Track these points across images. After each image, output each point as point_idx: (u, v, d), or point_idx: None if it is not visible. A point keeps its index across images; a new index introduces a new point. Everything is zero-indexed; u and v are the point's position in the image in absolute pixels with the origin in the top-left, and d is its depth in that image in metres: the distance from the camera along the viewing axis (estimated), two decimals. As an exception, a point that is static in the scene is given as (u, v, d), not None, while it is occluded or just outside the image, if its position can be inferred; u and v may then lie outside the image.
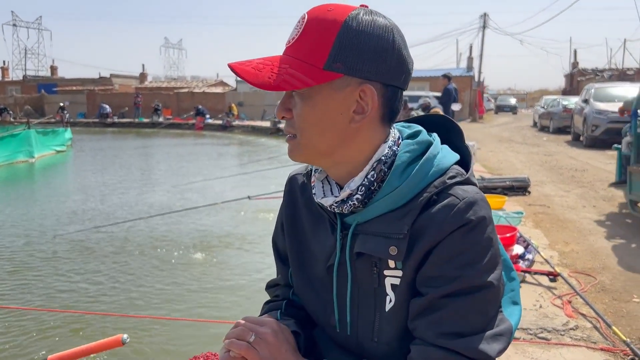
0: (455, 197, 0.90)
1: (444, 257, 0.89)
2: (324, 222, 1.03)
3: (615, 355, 2.70)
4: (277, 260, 1.19)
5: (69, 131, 19.28)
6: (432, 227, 0.89)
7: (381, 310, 0.96)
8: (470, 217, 0.89)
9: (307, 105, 0.92)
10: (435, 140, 0.98)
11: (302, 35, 0.90)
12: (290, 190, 1.13)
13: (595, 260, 4.36)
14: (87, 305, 4.52)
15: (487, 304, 0.89)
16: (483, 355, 0.85)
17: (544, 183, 8.36)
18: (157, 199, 9.26)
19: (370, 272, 0.95)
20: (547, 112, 20.59)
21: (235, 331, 0.96)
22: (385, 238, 0.91)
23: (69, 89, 40.93)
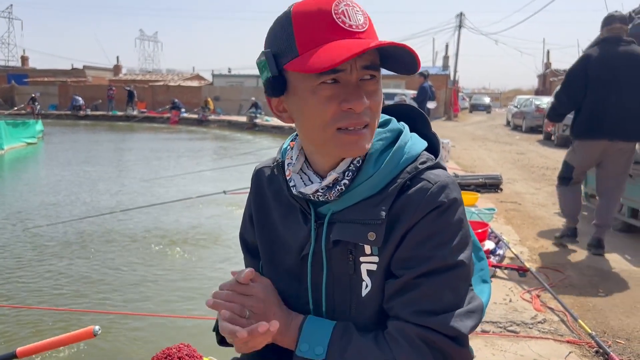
0: (427, 181, 0.94)
1: (418, 239, 0.93)
2: (295, 213, 1.04)
3: (581, 348, 2.77)
4: (246, 254, 1.20)
5: (40, 123, 18.86)
6: (408, 210, 0.93)
7: (357, 295, 0.99)
8: (442, 200, 0.93)
9: (380, 90, 0.94)
10: (405, 129, 1.02)
11: (370, 23, 0.92)
12: (257, 183, 1.14)
13: (564, 256, 4.47)
14: (57, 301, 4.45)
15: (459, 282, 0.93)
16: (457, 331, 0.90)
17: (515, 181, 8.51)
18: (130, 193, 9.15)
19: (346, 260, 0.98)
20: (520, 111, 20.94)
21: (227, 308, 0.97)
22: (363, 225, 0.94)
23: (41, 80, 40.04)
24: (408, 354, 0.89)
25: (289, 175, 1.03)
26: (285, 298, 1.05)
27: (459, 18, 34.83)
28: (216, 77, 40.67)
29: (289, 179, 1.02)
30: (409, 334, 0.90)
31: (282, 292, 1.07)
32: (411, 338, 0.90)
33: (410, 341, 0.90)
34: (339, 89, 0.90)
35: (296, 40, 0.89)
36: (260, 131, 23.34)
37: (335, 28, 0.87)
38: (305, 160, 1.03)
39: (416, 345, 0.89)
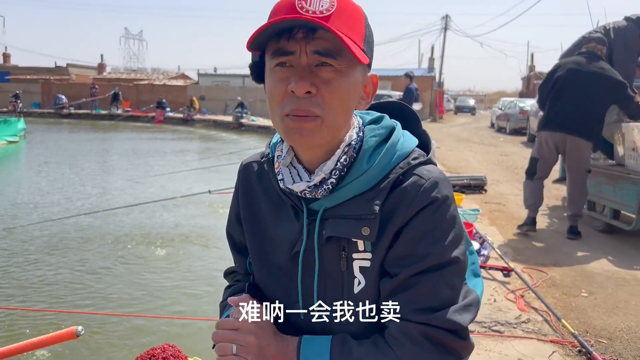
0: (420, 176, 0.95)
1: (413, 236, 0.93)
2: (286, 209, 1.03)
3: (564, 347, 2.80)
4: (234, 251, 1.19)
5: (22, 121, 18.58)
6: (401, 206, 0.93)
7: (349, 292, 0.98)
8: (436, 196, 0.94)
9: (344, 83, 0.90)
10: (397, 125, 1.02)
11: (339, 11, 0.88)
12: (245, 178, 1.12)
13: (547, 256, 4.51)
14: (38, 301, 4.37)
15: (454, 278, 0.95)
16: (457, 325, 0.91)
17: (499, 182, 8.58)
18: (113, 192, 9.06)
19: (338, 256, 0.97)
20: (505, 113, 21.10)
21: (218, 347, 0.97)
22: (356, 220, 0.93)
23: (23, 78, 39.44)
24: (412, 353, 0.90)
25: (277, 168, 1.01)
26: (276, 295, 1.04)
27: (445, 20, 35.06)
28: (202, 77, 40.43)
29: (278, 172, 1.00)
30: (411, 332, 0.90)
31: (273, 290, 1.06)
32: (413, 336, 0.90)
33: (413, 339, 0.90)
34: (289, 72, 0.89)
35: (267, 22, 0.89)
36: (246, 131, 23.26)
37: (291, 11, 0.87)
38: (295, 155, 1.01)
39: (419, 343, 0.90)
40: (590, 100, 4.75)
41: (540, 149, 5.05)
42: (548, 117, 4.99)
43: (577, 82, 4.81)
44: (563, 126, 4.84)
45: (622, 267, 4.24)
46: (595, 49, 4.93)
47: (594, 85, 4.75)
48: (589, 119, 4.77)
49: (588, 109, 4.75)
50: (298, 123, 0.90)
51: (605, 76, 4.78)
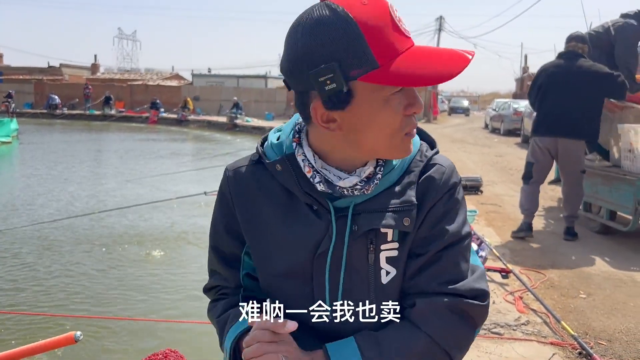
0: (440, 165, 1.02)
1: (437, 218, 1.00)
2: (299, 210, 1.01)
3: (564, 349, 2.80)
4: (223, 265, 1.12)
5: (14, 122, 18.47)
6: (430, 192, 0.99)
7: (376, 284, 1.00)
8: (455, 181, 1.03)
9: None
10: None
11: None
12: (238, 184, 1.07)
13: (545, 257, 4.52)
14: (34, 305, 4.33)
15: (467, 252, 1.03)
16: (480, 290, 0.99)
17: (495, 183, 8.60)
18: (108, 193, 9.01)
19: (366, 250, 0.99)
20: (499, 114, 21.18)
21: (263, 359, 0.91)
22: (395, 212, 0.97)
23: (15, 78, 39.21)
24: (440, 327, 0.95)
25: (309, 172, 0.98)
26: (287, 299, 1.02)
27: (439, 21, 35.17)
28: (196, 77, 40.36)
29: (311, 175, 0.98)
30: (439, 307, 0.95)
31: (286, 294, 1.03)
32: (441, 311, 0.95)
33: (441, 314, 0.95)
34: (403, 95, 0.91)
35: (372, 51, 0.85)
36: (241, 131, 23.24)
37: (400, 35, 0.88)
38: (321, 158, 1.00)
39: (447, 317, 0.95)
40: (577, 100, 4.74)
41: (534, 153, 5.06)
42: (537, 122, 5.03)
43: (560, 84, 4.82)
44: (552, 130, 4.86)
45: (619, 269, 4.24)
46: (576, 47, 4.93)
47: (577, 84, 4.75)
48: (578, 118, 4.77)
49: (576, 108, 4.75)
50: (412, 137, 0.97)
51: (589, 72, 4.78)
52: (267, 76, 38.94)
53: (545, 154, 4.99)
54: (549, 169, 5.18)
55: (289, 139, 1.03)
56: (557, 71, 4.91)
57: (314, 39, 0.86)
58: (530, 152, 5.14)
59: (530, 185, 5.10)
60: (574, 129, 4.79)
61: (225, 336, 1.05)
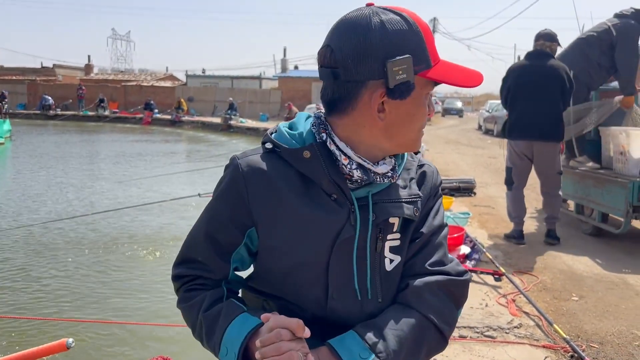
0: (428, 165, 1.19)
1: (428, 209, 1.15)
2: (320, 197, 1.02)
3: (557, 352, 2.81)
4: (214, 256, 1.10)
5: (7, 122, 18.39)
6: (425, 187, 1.15)
7: (381, 271, 1.08)
8: (441, 178, 1.22)
9: None
10: None
11: None
12: (254, 173, 1.04)
13: (537, 260, 4.53)
14: (25, 309, 4.30)
15: (446, 238, 1.18)
16: (462, 270, 1.13)
17: (488, 185, 8.62)
18: (101, 195, 8.97)
19: (375, 239, 1.06)
20: (492, 115, 21.25)
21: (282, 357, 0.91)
22: (409, 202, 1.09)
23: (8, 79, 39.00)
24: (433, 304, 1.05)
25: (345, 160, 1.02)
26: (301, 289, 1.04)
27: (433, 23, 35.24)
28: (190, 78, 40.26)
29: (348, 162, 1.02)
30: (431, 286, 1.07)
31: (302, 283, 1.05)
32: (433, 289, 1.06)
33: (433, 292, 1.06)
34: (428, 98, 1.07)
35: (429, 52, 1.01)
36: (235, 132, 23.21)
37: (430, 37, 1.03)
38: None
39: (437, 295, 1.07)
40: (547, 101, 4.70)
41: (511, 157, 5.03)
42: (510, 125, 4.98)
43: (529, 85, 4.76)
44: (525, 134, 4.81)
45: (611, 271, 4.26)
46: (544, 46, 4.87)
47: (546, 85, 4.70)
48: (551, 120, 4.72)
49: (547, 110, 4.71)
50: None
51: (556, 72, 4.71)
52: (261, 77, 38.90)
53: (522, 158, 4.95)
54: (528, 172, 5.11)
55: (307, 130, 1.05)
56: (525, 72, 4.84)
57: (391, 33, 0.97)
58: (508, 157, 5.12)
59: (513, 191, 5.06)
60: (547, 131, 4.74)
61: (223, 333, 1.02)
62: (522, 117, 4.83)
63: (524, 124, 4.81)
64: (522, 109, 4.83)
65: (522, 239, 5.02)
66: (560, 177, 4.95)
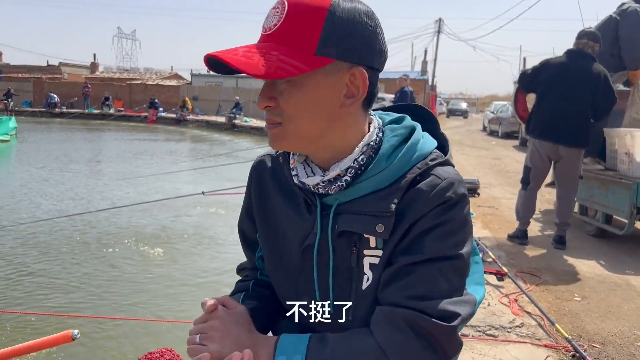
0: (437, 176, 0.95)
1: (421, 230, 0.93)
2: (297, 203, 1.03)
3: (558, 352, 2.82)
4: (244, 246, 1.20)
5: (13, 120, 18.46)
6: (416, 204, 0.93)
7: (358, 288, 0.98)
8: (450, 195, 0.94)
9: (296, 92, 0.91)
10: (418, 127, 1.03)
11: (286, 21, 0.89)
12: (258, 173, 1.12)
13: (540, 260, 4.54)
14: (31, 304, 4.33)
15: (454, 275, 0.92)
16: (449, 313, 0.88)
17: (492, 185, 8.62)
18: (106, 192, 9.01)
19: (350, 252, 0.97)
20: (497, 117, 21.22)
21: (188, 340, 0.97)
22: (372, 216, 0.94)
23: (15, 76, 39.17)
24: (391, 337, 0.87)
25: (292, 164, 1.02)
26: (284, 291, 1.06)
27: (438, 24, 35.22)
28: (195, 77, 40.35)
29: (292, 167, 1.02)
30: (395, 317, 0.88)
31: (279, 284, 1.08)
32: (396, 321, 0.88)
33: (395, 324, 0.88)
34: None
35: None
36: (239, 132, 23.24)
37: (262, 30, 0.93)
38: None
39: (401, 329, 0.87)
40: (579, 105, 4.51)
41: (532, 157, 4.82)
42: (536, 123, 4.71)
43: (563, 85, 4.52)
44: (552, 135, 4.59)
45: (614, 272, 4.26)
46: (586, 46, 4.61)
47: (580, 88, 4.50)
48: (580, 125, 4.54)
49: (577, 114, 4.52)
50: (270, 130, 0.95)
51: (589, 76, 4.50)
52: (266, 77, 38.82)
53: (544, 161, 4.77)
54: (546, 174, 5.00)
55: None
56: (561, 71, 4.56)
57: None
58: (529, 156, 4.87)
59: (528, 191, 4.91)
60: (577, 137, 4.54)
61: None
62: (550, 117, 4.58)
63: (551, 124, 4.58)
64: (550, 108, 4.58)
65: (526, 239, 4.98)
66: (578, 182, 4.81)
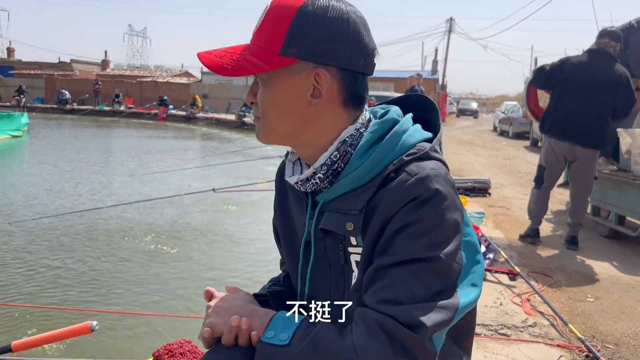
0: (407, 173, 0.92)
1: (394, 230, 0.91)
2: (301, 201, 1.08)
3: (571, 352, 2.80)
4: (277, 241, 1.24)
5: (25, 116, 18.60)
6: (385, 203, 0.92)
7: (349, 285, 1.01)
8: (420, 192, 0.90)
9: (266, 90, 0.97)
10: (402, 119, 1.01)
11: (264, 22, 0.95)
12: (281, 172, 1.17)
13: (552, 260, 4.52)
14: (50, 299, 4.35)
15: (430, 277, 0.89)
16: (417, 322, 0.85)
17: (503, 186, 8.59)
18: (117, 189, 9.07)
19: (338, 249, 1.00)
20: (507, 117, 21.13)
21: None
22: (342, 214, 0.96)
23: (27, 73, 39.51)
24: (365, 339, 0.86)
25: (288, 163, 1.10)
26: (295, 284, 1.12)
27: (449, 23, 35.10)
28: (205, 75, 40.45)
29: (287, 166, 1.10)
30: (369, 319, 0.87)
31: (293, 278, 1.13)
32: (370, 324, 0.87)
33: (370, 327, 0.87)
34: None
35: None
36: (249, 130, 23.26)
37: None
38: None
39: (374, 332, 0.86)
40: (599, 105, 4.45)
41: (547, 157, 4.75)
42: (553, 122, 4.63)
43: (583, 85, 4.45)
44: (570, 136, 4.51)
45: (628, 273, 4.24)
46: (608, 45, 4.51)
47: (601, 88, 4.43)
48: (599, 126, 4.48)
49: (597, 115, 4.46)
50: (255, 124, 1.03)
51: (611, 76, 4.43)
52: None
53: (559, 160, 4.69)
54: (560, 174, 4.95)
55: None
56: (582, 70, 4.47)
57: None
58: (543, 155, 4.79)
59: (541, 191, 4.85)
60: (595, 138, 4.49)
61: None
62: (568, 117, 4.51)
63: (569, 124, 4.50)
64: (570, 108, 4.50)
65: (538, 238, 4.95)
66: (593, 182, 4.79)
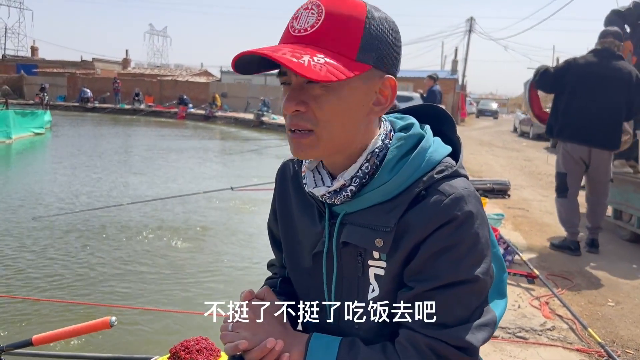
0: (442, 193, 0.92)
1: (431, 253, 0.91)
2: (312, 210, 1.05)
3: (590, 356, 2.77)
4: (272, 245, 1.23)
5: (48, 114, 18.91)
6: (419, 223, 0.91)
7: (363, 298, 0.99)
8: (456, 213, 0.90)
9: (333, 97, 0.89)
10: (427, 134, 1.00)
11: (325, 24, 0.87)
12: (282, 177, 1.15)
13: (572, 264, 4.45)
14: (70, 293, 4.42)
15: (471, 297, 0.92)
16: (467, 343, 0.89)
17: (523, 187, 8.50)
18: (137, 186, 9.17)
19: (355, 261, 0.98)
20: (528, 118, 20.85)
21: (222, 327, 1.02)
22: (372, 230, 0.94)
23: (50, 71, 40.11)
24: None
25: (304, 172, 1.04)
26: (301, 293, 1.09)
27: (469, 22, 34.78)
28: (224, 74, 40.67)
29: (303, 176, 1.03)
30: (419, 343, 0.90)
31: (298, 286, 1.11)
32: (420, 347, 0.89)
33: (420, 350, 0.89)
34: (289, 89, 0.91)
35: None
36: (267, 129, 23.36)
37: (284, 32, 0.91)
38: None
39: (427, 356, 0.89)
40: (610, 105, 4.40)
41: (566, 162, 4.61)
42: (564, 125, 4.55)
43: (593, 86, 4.40)
44: (584, 138, 4.45)
45: (649, 278, 4.17)
46: (612, 45, 4.49)
47: (611, 88, 4.38)
48: (612, 125, 4.43)
49: (609, 115, 4.41)
50: (296, 138, 0.92)
51: (620, 75, 4.39)
52: (294, 74, 38.91)
53: (579, 164, 4.57)
54: (582, 177, 4.77)
55: None
56: (591, 71, 4.44)
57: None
58: (561, 162, 4.65)
59: (569, 198, 4.61)
60: (610, 139, 4.44)
61: None
62: (579, 119, 4.45)
63: (582, 126, 4.44)
64: (581, 110, 4.45)
65: (579, 251, 4.66)
66: (609, 185, 4.70)
